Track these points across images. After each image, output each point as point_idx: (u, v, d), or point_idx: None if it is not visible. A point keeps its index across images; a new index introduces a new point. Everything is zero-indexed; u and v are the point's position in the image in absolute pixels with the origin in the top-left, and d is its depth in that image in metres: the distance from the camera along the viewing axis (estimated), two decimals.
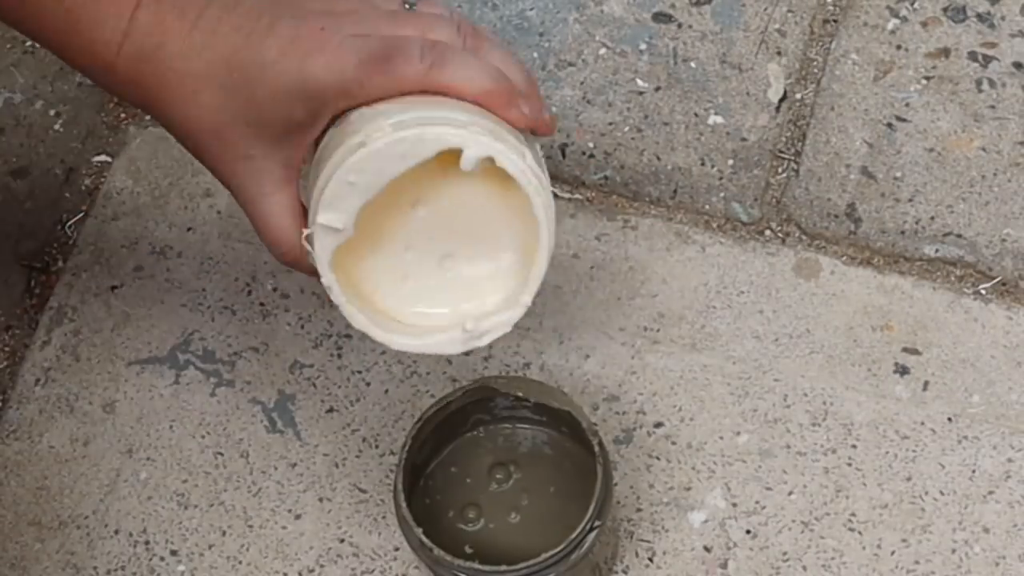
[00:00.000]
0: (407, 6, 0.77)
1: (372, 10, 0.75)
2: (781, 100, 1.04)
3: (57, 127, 1.06)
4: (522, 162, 0.72)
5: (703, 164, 1.02)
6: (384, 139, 0.71)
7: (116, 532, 0.92)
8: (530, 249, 0.75)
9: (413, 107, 0.72)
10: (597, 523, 0.80)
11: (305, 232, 0.74)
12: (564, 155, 1.03)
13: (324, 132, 0.74)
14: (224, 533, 0.92)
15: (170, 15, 0.73)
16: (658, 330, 0.96)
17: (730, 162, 1.02)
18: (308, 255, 0.75)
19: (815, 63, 1.05)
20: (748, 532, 0.90)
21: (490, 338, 0.77)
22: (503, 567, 0.79)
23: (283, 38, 0.72)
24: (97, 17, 0.72)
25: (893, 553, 0.89)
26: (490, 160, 0.72)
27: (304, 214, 0.76)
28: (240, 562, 0.92)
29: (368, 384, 0.96)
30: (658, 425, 0.94)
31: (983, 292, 0.97)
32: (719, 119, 1.03)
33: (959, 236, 0.98)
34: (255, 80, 0.72)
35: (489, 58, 0.75)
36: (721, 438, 0.93)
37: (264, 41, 0.72)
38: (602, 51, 1.06)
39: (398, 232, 0.76)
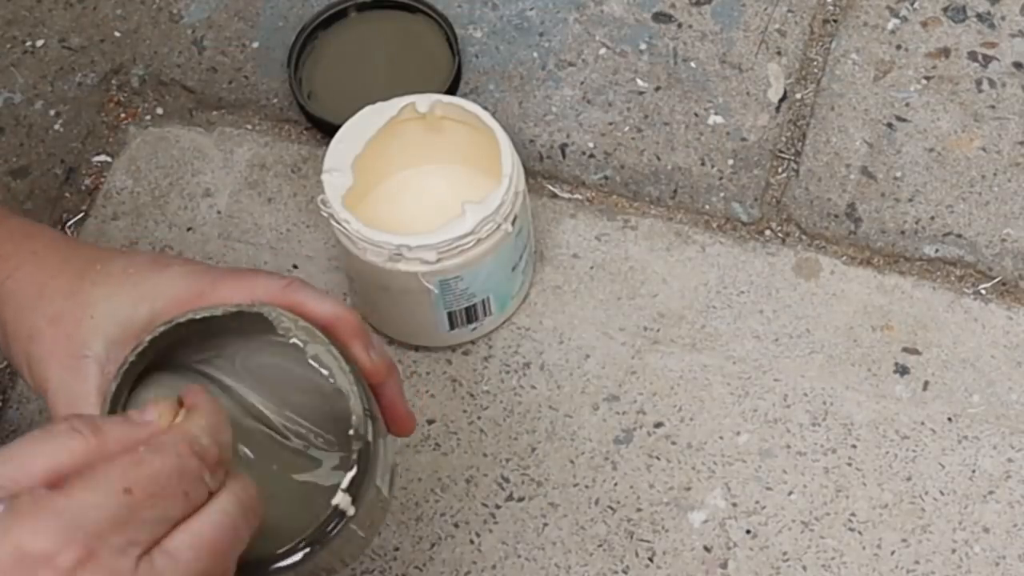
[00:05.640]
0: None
1: None
2: (781, 100, 1.04)
3: (57, 127, 1.06)
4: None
5: (703, 164, 1.02)
6: None
7: None
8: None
9: None
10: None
11: None
12: (564, 155, 1.03)
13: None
14: None
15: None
16: (658, 330, 0.96)
17: (730, 162, 1.02)
18: None
19: (815, 63, 1.05)
20: (748, 532, 0.90)
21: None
22: None
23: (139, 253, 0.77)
24: None
25: (893, 553, 0.89)
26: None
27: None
28: None
29: None
30: (658, 425, 0.93)
31: (983, 292, 0.97)
32: (719, 119, 1.03)
33: (959, 236, 0.98)
34: (114, 276, 0.72)
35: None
36: (721, 438, 0.93)
37: (117, 254, 0.74)
38: (602, 51, 1.06)
39: None
